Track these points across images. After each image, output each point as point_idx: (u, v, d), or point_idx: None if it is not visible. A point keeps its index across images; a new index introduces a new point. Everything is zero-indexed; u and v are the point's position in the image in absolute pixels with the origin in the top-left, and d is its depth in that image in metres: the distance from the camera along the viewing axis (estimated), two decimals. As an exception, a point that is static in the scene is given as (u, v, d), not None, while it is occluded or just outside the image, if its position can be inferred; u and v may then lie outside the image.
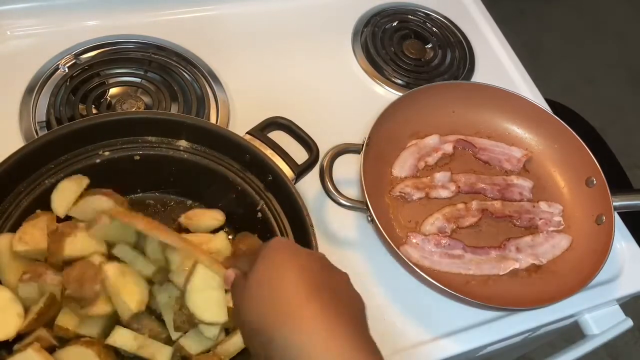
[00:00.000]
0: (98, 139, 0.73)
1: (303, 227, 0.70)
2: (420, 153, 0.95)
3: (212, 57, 1.01)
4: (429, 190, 0.91)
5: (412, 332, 0.81)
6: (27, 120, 0.87)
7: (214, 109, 0.94)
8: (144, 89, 0.93)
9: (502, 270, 0.86)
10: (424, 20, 1.18)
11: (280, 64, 1.04)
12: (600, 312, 0.93)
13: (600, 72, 2.69)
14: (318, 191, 0.84)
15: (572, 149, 0.96)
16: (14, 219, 0.68)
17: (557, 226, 0.92)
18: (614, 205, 0.89)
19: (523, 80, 1.13)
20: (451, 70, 1.11)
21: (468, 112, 1.00)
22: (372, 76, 1.07)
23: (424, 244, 0.86)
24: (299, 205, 0.71)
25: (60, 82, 0.91)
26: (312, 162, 0.80)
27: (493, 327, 0.84)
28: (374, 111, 0.89)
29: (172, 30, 1.02)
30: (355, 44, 1.11)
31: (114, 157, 0.74)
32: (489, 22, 1.22)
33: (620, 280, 0.93)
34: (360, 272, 0.85)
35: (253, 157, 0.75)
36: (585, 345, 0.91)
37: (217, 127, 0.77)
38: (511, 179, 0.95)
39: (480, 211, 0.90)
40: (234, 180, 0.76)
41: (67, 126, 0.71)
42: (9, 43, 0.95)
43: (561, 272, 0.87)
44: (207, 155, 0.77)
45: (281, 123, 0.81)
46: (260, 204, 0.75)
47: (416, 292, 0.83)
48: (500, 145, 0.99)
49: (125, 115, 0.76)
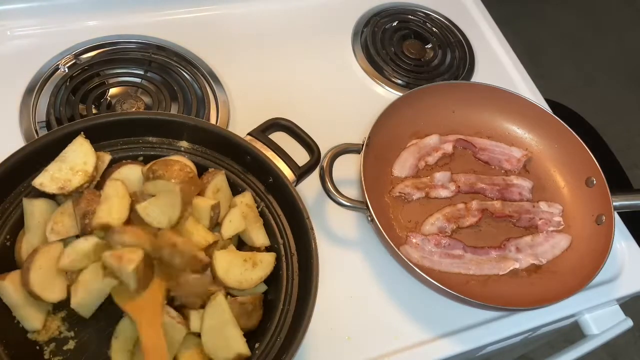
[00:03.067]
0: (98, 139, 0.73)
1: (303, 230, 0.70)
2: (420, 153, 0.95)
3: (212, 57, 1.01)
4: (429, 190, 0.91)
5: (412, 332, 0.81)
6: (27, 120, 0.87)
7: (214, 109, 0.94)
8: (144, 89, 0.93)
9: (502, 270, 0.86)
10: (424, 20, 1.18)
11: (280, 63, 1.04)
12: (600, 312, 0.93)
13: (600, 72, 2.69)
14: (318, 191, 0.85)
15: (572, 149, 0.96)
16: (14, 219, 0.68)
17: (557, 226, 0.92)
18: (614, 205, 0.89)
19: (523, 80, 1.13)
20: (451, 70, 1.11)
21: (468, 112, 1.00)
22: (372, 76, 1.07)
23: (424, 244, 0.86)
24: (299, 208, 0.71)
25: (60, 82, 0.91)
26: (314, 164, 0.80)
27: (493, 327, 0.84)
28: (374, 111, 0.89)
29: (172, 30, 1.02)
30: (355, 44, 1.11)
31: (114, 157, 0.73)
32: (489, 22, 1.22)
33: (620, 280, 0.93)
34: (360, 272, 0.85)
35: (254, 159, 0.75)
36: (585, 345, 0.91)
37: (218, 128, 0.77)
38: (511, 179, 0.95)
39: (480, 211, 0.90)
40: (235, 181, 0.76)
41: (68, 126, 0.71)
42: (9, 43, 0.95)
43: (561, 272, 0.87)
44: (207, 156, 0.77)
45: (283, 124, 0.81)
46: (260, 205, 0.75)
47: (416, 292, 0.83)
48: (500, 145, 0.99)
49: (126, 115, 0.75)
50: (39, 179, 0.67)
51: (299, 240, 0.72)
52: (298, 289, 0.69)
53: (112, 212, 0.66)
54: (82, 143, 0.69)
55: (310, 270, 0.67)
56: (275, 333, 0.66)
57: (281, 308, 0.68)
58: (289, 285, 0.69)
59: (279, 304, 0.68)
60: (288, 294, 0.69)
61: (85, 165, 0.68)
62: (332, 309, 0.80)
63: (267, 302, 0.71)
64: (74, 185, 0.67)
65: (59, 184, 0.67)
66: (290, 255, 0.72)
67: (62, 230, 0.67)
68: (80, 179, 0.67)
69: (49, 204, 0.69)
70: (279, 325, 0.67)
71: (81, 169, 0.68)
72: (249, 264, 0.69)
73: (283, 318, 0.67)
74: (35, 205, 0.68)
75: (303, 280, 0.69)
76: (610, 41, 2.82)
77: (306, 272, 0.69)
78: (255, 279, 0.69)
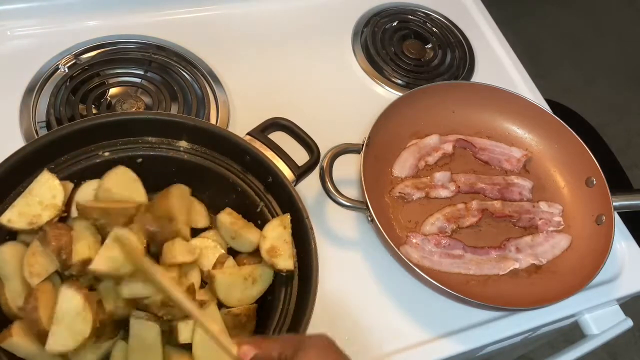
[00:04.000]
0: (98, 139, 0.73)
1: (302, 230, 0.70)
2: (421, 153, 0.95)
3: (212, 57, 1.01)
4: (429, 190, 0.91)
5: (412, 332, 0.81)
6: (27, 120, 0.87)
7: (214, 109, 0.94)
8: (144, 89, 0.93)
9: (502, 270, 0.86)
10: (424, 20, 1.18)
11: (281, 64, 1.04)
12: (600, 312, 0.93)
13: (600, 72, 2.69)
14: (318, 191, 0.84)
15: (572, 149, 0.96)
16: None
17: (557, 226, 0.92)
18: (614, 205, 0.89)
19: (523, 80, 1.13)
20: (451, 70, 1.11)
21: (468, 112, 1.00)
22: (372, 76, 1.07)
23: (424, 244, 0.86)
24: (299, 207, 0.71)
25: (60, 82, 0.91)
26: (313, 163, 0.80)
27: (493, 327, 0.84)
28: (374, 111, 0.89)
29: (172, 30, 1.02)
30: (355, 44, 1.11)
31: (114, 157, 0.73)
32: (489, 22, 1.22)
33: (620, 280, 0.93)
34: (360, 272, 0.85)
35: (253, 158, 0.75)
36: (585, 345, 0.91)
37: (218, 128, 0.77)
38: (511, 179, 0.95)
39: (480, 211, 0.90)
40: (234, 181, 0.76)
41: (67, 126, 0.71)
42: (9, 43, 0.95)
43: (561, 272, 0.87)
44: (207, 156, 0.76)
45: (282, 124, 0.81)
46: (259, 205, 0.75)
47: (416, 292, 0.83)
48: (500, 145, 0.99)
49: (126, 115, 0.75)
50: (6, 216, 0.64)
51: (299, 239, 0.71)
52: (298, 289, 0.69)
53: (90, 249, 0.64)
54: (49, 178, 0.67)
55: (310, 270, 0.67)
56: (275, 333, 0.66)
57: (281, 308, 0.68)
58: (289, 284, 0.69)
59: (278, 304, 0.68)
60: (288, 293, 0.69)
61: (54, 199, 0.66)
62: (332, 309, 0.80)
63: (266, 302, 0.70)
64: (43, 220, 0.65)
65: (28, 219, 0.65)
66: (289, 254, 0.72)
67: (41, 272, 0.63)
68: (50, 213, 0.65)
69: (16, 247, 0.66)
70: (278, 325, 0.67)
71: (50, 203, 0.66)
72: (249, 281, 0.69)
73: (283, 318, 0.67)
74: (5, 252, 0.65)
75: (303, 280, 0.69)
76: (610, 41, 2.82)
77: (306, 272, 0.68)
78: (255, 294, 0.69)
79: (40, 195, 0.66)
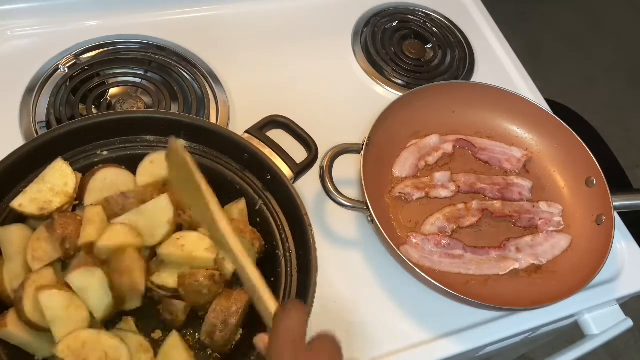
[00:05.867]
0: (97, 138, 0.73)
1: (301, 227, 0.70)
2: (421, 153, 0.95)
3: (212, 57, 1.01)
4: (429, 190, 0.91)
5: (412, 332, 0.81)
6: (27, 120, 0.87)
7: (214, 109, 0.94)
8: (144, 89, 0.93)
9: (502, 270, 0.86)
10: (424, 20, 1.18)
11: (281, 64, 1.04)
12: (600, 312, 0.93)
13: (600, 72, 2.69)
14: (318, 191, 0.84)
15: (572, 149, 0.96)
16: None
17: (557, 226, 0.92)
18: (614, 205, 0.89)
19: (523, 80, 1.13)
20: (451, 70, 1.11)
21: (468, 112, 1.00)
22: (372, 76, 1.07)
23: (424, 244, 0.86)
24: (297, 205, 0.71)
25: (60, 82, 0.91)
26: (312, 161, 0.80)
27: (493, 327, 0.84)
28: (374, 111, 0.89)
29: (172, 30, 1.02)
30: (355, 44, 1.11)
31: (112, 156, 0.74)
32: (489, 22, 1.22)
33: (620, 280, 0.93)
34: (360, 272, 0.84)
35: (251, 156, 0.75)
36: (585, 345, 0.91)
37: (215, 126, 0.77)
38: (511, 179, 0.95)
39: (480, 211, 0.90)
40: (233, 179, 0.76)
41: (66, 126, 0.71)
42: (9, 43, 0.95)
43: (561, 272, 0.87)
44: (205, 154, 0.77)
45: (280, 121, 0.81)
46: (258, 203, 0.75)
47: (416, 292, 0.83)
48: (500, 145, 0.99)
49: (124, 114, 0.75)
50: (18, 200, 0.66)
51: (298, 237, 0.71)
52: (297, 287, 0.69)
53: (98, 233, 0.65)
54: (62, 165, 0.68)
55: (309, 268, 0.67)
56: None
57: (280, 307, 0.68)
58: (288, 283, 0.69)
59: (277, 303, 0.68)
60: (287, 292, 0.69)
61: (65, 186, 0.67)
62: (332, 308, 0.80)
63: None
64: (54, 207, 0.66)
65: (39, 205, 0.66)
66: (289, 252, 0.72)
67: (44, 257, 0.65)
68: (61, 200, 0.66)
69: (24, 230, 0.67)
70: (278, 325, 0.67)
71: (61, 190, 0.67)
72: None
73: (282, 318, 0.67)
74: (13, 232, 0.66)
75: (302, 278, 0.69)
76: (610, 41, 2.82)
77: (305, 270, 0.69)
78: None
79: (52, 182, 0.67)
